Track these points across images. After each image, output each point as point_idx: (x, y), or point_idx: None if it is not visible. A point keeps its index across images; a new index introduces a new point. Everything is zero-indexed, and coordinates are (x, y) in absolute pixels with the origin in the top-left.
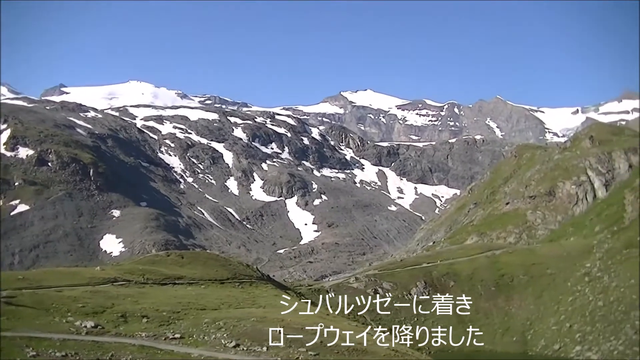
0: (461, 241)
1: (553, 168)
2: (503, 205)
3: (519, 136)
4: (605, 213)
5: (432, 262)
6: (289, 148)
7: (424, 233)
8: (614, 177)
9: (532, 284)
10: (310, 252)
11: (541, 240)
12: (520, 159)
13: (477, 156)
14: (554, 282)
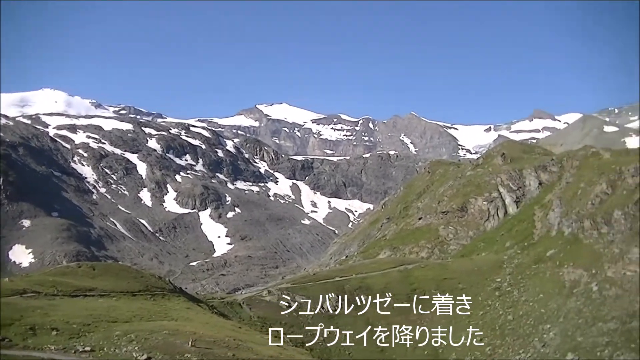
0: (374, 255)
1: (465, 184)
2: (416, 220)
3: (432, 152)
4: (516, 229)
5: (345, 276)
6: (203, 160)
7: (337, 247)
8: (524, 193)
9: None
10: (223, 265)
11: (453, 255)
12: (433, 175)
13: (390, 171)
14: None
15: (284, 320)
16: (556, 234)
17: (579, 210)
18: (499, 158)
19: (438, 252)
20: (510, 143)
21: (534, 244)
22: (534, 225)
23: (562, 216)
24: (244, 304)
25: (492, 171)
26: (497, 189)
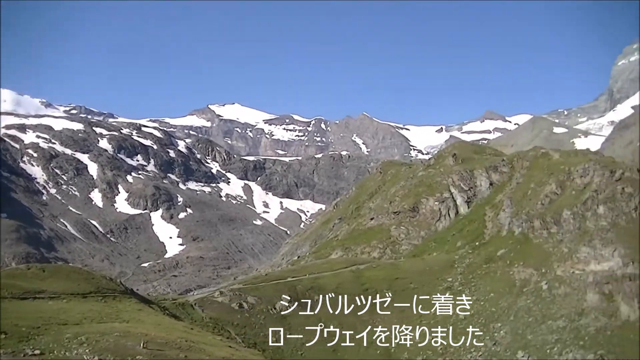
0: (326, 255)
1: (417, 184)
2: (368, 220)
3: (384, 153)
4: (467, 229)
5: (297, 276)
6: (155, 160)
7: (289, 247)
8: (475, 194)
9: (396, 298)
10: (174, 266)
11: (405, 255)
12: (385, 175)
13: (342, 172)
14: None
15: (235, 321)
16: (507, 234)
17: (529, 210)
18: (450, 159)
19: (390, 252)
20: (461, 144)
21: (484, 244)
22: (485, 225)
23: (512, 216)
24: (196, 305)
25: (444, 172)
26: (449, 189)
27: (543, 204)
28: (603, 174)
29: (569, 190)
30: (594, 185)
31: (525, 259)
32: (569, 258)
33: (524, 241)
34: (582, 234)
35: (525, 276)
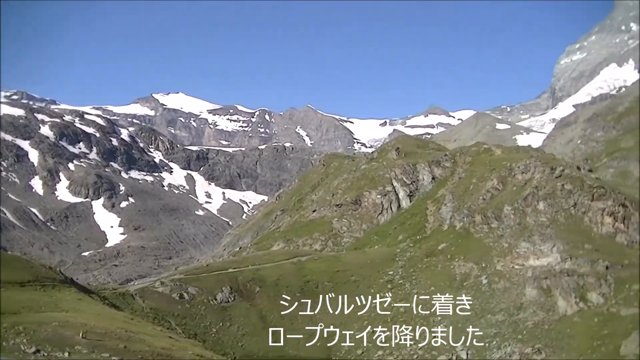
0: (267, 247)
1: (360, 178)
2: (310, 212)
3: (328, 145)
4: (409, 223)
5: (239, 267)
6: (97, 148)
7: (230, 238)
8: (417, 188)
9: (337, 290)
10: (115, 255)
11: (346, 248)
12: (328, 168)
13: (286, 163)
14: (357, 288)
15: (176, 311)
16: (448, 228)
17: (471, 205)
18: (393, 152)
19: (332, 245)
20: (405, 138)
21: (426, 238)
22: (427, 219)
23: (454, 210)
24: (136, 295)
25: (387, 165)
26: (391, 183)
27: (484, 199)
28: (544, 170)
29: (510, 186)
30: (535, 181)
31: (465, 254)
32: (509, 253)
33: (465, 236)
34: (522, 230)
35: (466, 270)
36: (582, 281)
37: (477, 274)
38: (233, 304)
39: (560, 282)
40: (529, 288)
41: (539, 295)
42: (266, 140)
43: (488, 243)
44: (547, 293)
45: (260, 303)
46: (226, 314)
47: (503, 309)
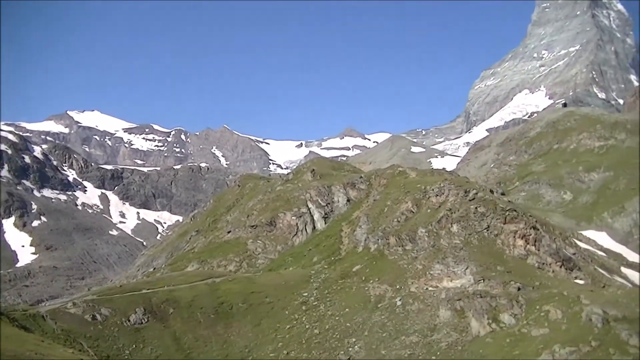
0: (182, 268)
1: (275, 199)
2: (225, 233)
3: (243, 166)
4: (324, 244)
5: (152, 288)
6: (9, 166)
7: (144, 259)
8: (332, 210)
9: (251, 312)
10: (26, 275)
11: (261, 269)
12: (244, 189)
13: (201, 184)
14: (272, 310)
15: (88, 333)
16: (363, 250)
17: (385, 227)
18: (308, 174)
19: (246, 266)
20: (320, 160)
21: (341, 259)
22: (342, 241)
23: (368, 232)
24: (47, 317)
25: (302, 187)
26: (306, 205)
27: (399, 221)
28: (457, 193)
29: (425, 208)
30: (449, 204)
31: (380, 275)
32: (423, 275)
33: (379, 257)
34: (436, 252)
35: (380, 292)
36: (495, 302)
37: (392, 296)
38: (147, 325)
39: (473, 304)
40: (443, 309)
41: (452, 316)
42: (182, 160)
43: (402, 265)
44: (460, 314)
45: (174, 324)
46: (139, 336)
47: (417, 330)
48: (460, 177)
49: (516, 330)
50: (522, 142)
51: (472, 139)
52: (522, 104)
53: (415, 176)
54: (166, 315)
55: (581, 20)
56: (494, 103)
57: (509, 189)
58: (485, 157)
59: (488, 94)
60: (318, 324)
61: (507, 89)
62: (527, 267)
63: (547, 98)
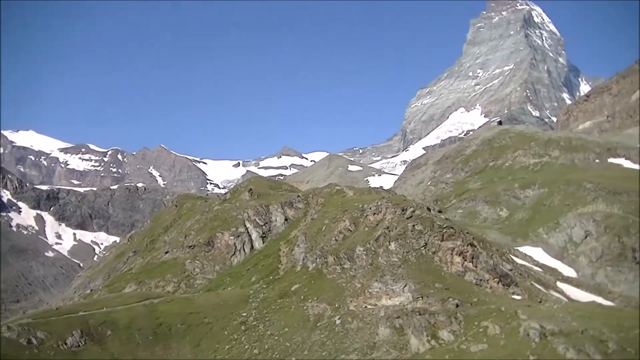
0: (119, 289)
1: (212, 219)
2: (162, 254)
3: (181, 186)
4: (262, 264)
5: (89, 310)
6: None
7: (81, 280)
8: (270, 229)
9: (190, 333)
10: None
11: (199, 290)
12: (181, 209)
13: (138, 204)
14: (211, 330)
15: (24, 357)
16: (301, 269)
17: (323, 246)
18: (246, 193)
19: (184, 287)
20: (257, 179)
21: (279, 279)
22: (280, 261)
23: (306, 252)
24: None
25: (240, 206)
26: (244, 224)
27: (337, 240)
28: (395, 211)
29: (362, 226)
30: (386, 222)
31: (319, 294)
32: (362, 293)
33: (317, 276)
34: (374, 270)
35: (319, 311)
36: (434, 319)
37: (331, 315)
38: (84, 348)
39: (412, 321)
40: (382, 327)
41: (391, 334)
42: (118, 180)
43: (341, 283)
44: (399, 332)
45: (112, 347)
46: (77, 359)
47: (357, 349)
48: (398, 195)
49: (455, 346)
50: (459, 160)
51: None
52: (458, 122)
53: (353, 195)
54: (104, 337)
55: (515, 39)
56: (430, 121)
57: (446, 206)
58: (422, 175)
59: (424, 113)
60: (257, 344)
61: (443, 108)
62: (465, 283)
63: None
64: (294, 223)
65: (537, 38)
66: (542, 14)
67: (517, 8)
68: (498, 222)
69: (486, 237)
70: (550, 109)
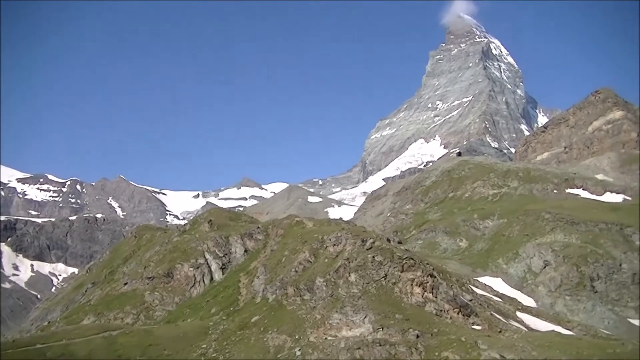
0: (78, 321)
1: (172, 250)
2: (121, 285)
3: (140, 217)
4: (221, 295)
5: (47, 342)
6: None
7: (39, 312)
8: (230, 260)
9: None
10: None
11: (159, 322)
12: (140, 240)
13: (97, 235)
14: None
15: None
16: (261, 301)
17: (283, 277)
18: (206, 224)
19: (144, 318)
20: (217, 210)
21: (239, 310)
22: (240, 292)
23: (266, 283)
24: None
25: (199, 237)
26: (204, 255)
27: (297, 271)
28: (355, 242)
29: (322, 258)
30: (346, 253)
31: (279, 326)
32: (322, 324)
33: (277, 308)
34: (335, 301)
35: (279, 342)
36: (394, 350)
37: (291, 346)
38: None
39: (372, 352)
40: (343, 358)
41: None
42: (77, 210)
43: (301, 315)
44: None
45: None
46: None
47: None
48: (358, 227)
49: None
50: (418, 191)
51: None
52: (418, 153)
53: (313, 226)
54: None
55: (473, 71)
56: (390, 152)
57: (406, 237)
58: (382, 206)
59: (384, 144)
60: None
61: (403, 139)
62: (425, 314)
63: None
64: (253, 254)
65: (495, 70)
66: (500, 47)
67: (475, 40)
68: (458, 252)
69: (446, 268)
70: (508, 140)
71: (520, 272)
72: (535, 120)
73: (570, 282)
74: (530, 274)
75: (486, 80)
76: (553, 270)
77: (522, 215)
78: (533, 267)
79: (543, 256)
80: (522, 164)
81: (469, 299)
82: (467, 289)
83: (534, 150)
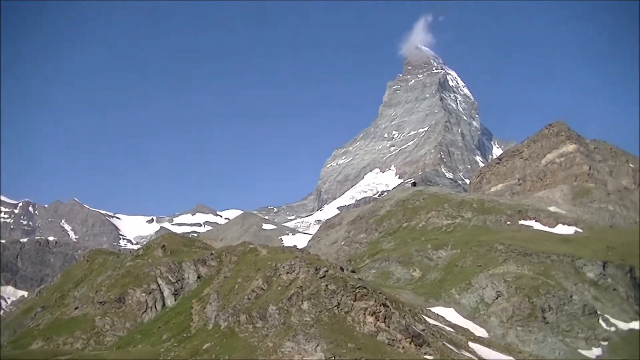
0: (26, 346)
1: (124, 275)
2: (72, 309)
3: (93, 240)
4: (173, 321)
5: None
6: None
7: None
8: (183, 286)
9: None
10: None
11: (109, 347)
12: (93, 264)
13: (49, 258)
14: None
15: None
16: (213, 327)
17: (236, 304)
18: (159, 250)
19: (94, 344)
20: (171, 235)
21: (191, 337)
22: (192, 318)
23: (219, 310)
24: None
25: (152, 262)
26: (156, 281)
27: (250, 298)
28: (308, 270)
29: (275, 285)
30: (299, 281)
31: (230, 353)
32: (274, 352)
33: (230, 335)
34: (287, 329)
35: None
36: None
37: None
38: None
39: None
40: None
41: None
42: (29, 233)
43: (253, 342)
44: None
45: None
46: None
47: None
48: (311, 255)
49: None
50: (373, 220)
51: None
52: (373, 182)
53: (266, 253)
54: None
55: (430, 102)
56: (345, 181)
57: (360, 266)
58: (336, 234)
59: (339, 173)
60: None
61: (358, 168)
62: (378, 343)
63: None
64: (206, 281)
65: (451, 101)
66: (457, 78)
67: (432, 72)
68: (411, 282)
69: (399, 297)
70: (463, 171)
71: (472, 302)
72: (490, 151)
73: (522, 312)
74: (483, 305)
75: (442, 112)
76: (505, 301)
77: (476, 246)
78: (485, 297)
79: (495, 287)
80: (476, 195)
81: (421, 329)
82: (420, 319)
83: (488, 182)
